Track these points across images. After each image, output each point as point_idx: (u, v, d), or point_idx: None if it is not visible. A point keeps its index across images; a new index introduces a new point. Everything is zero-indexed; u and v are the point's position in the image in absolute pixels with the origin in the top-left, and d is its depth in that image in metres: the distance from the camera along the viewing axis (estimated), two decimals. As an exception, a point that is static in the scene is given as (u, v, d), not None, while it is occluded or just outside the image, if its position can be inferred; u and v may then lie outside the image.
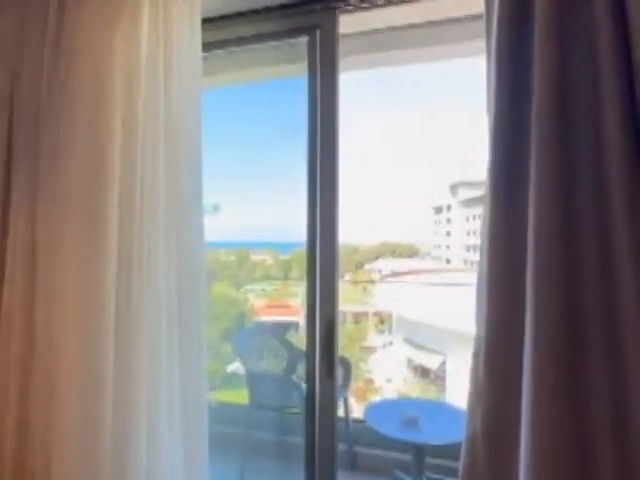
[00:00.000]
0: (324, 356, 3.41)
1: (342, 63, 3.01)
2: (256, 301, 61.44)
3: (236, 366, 43.73)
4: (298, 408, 6.31)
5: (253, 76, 4.60)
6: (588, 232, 1.58)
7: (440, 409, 5.88)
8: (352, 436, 6.12)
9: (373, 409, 6.03)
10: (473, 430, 1.87)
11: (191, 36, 2.98)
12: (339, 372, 5.03)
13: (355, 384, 20.07)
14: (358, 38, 3.53)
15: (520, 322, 1.64)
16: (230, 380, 44.15)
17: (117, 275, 2.79)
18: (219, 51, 3.56)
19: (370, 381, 20.42)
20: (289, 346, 6.74)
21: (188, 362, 3.05)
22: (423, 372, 23.44)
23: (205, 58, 3.13)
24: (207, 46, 3.16)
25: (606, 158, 1.49)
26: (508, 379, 1.77)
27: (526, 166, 1.62)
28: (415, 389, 22.38)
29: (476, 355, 2.04)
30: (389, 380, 19.78)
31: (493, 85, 1.62)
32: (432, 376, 22.62)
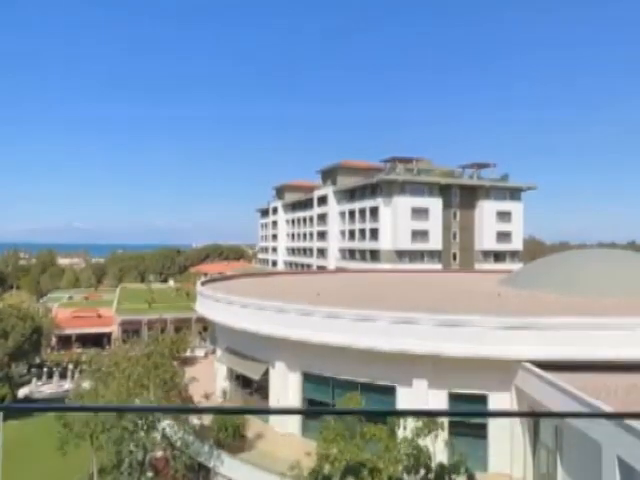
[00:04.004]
0: None
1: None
2: (60, 311, 54.01)
3: (30, 389, 36.99)
4: None
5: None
6: None
7: None
8: None
9: None
10: None
11: None
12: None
13: (172, 401, 18.24)
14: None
15: None
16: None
17: None
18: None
19: (188, 399, 18.73)
20: None
21: None
22: (245, 382, 22.69)
23: None
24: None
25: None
26: None
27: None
28: (237, 401, 21.43)
29: None
30: (207, 397, 18.40)
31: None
32: (255, 386, 22.03)
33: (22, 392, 36.52)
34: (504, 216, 67.98)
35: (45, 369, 42.28)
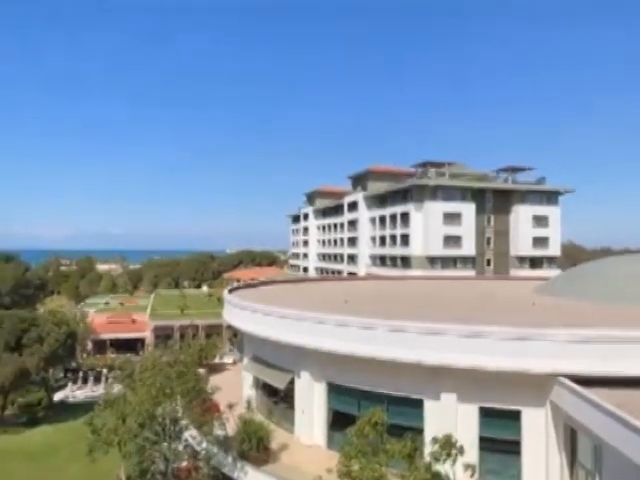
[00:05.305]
0: None
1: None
2: (97, 316, 55.15)
3: (65, 394, 37.61)
4: None
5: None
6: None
7: None
8: None
9: None
10: None
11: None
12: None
13: (195, 410, 18.08)
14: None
15: None
16: (57, 411, 37.78)
17: None
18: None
19: (213, 408, 18.48)
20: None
21: None
22: (270, 391, 22.46)
23: None
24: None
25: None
26: None
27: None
28: (262, 410, 21.20)
29: None
30: (230, 406, 18.21)
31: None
32: (280, 395, 21.76)
33: (57, 396, 37.46)
34: (541, 221, 65.92)
35: (80, 373, 43.32)
